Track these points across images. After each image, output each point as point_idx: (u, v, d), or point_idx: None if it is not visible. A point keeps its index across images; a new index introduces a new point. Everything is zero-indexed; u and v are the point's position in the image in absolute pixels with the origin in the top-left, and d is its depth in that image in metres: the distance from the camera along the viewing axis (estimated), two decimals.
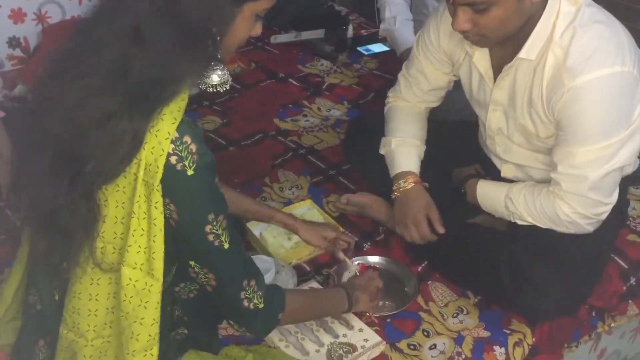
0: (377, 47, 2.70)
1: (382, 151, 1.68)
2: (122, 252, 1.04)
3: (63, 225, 1.03)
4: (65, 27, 2.39)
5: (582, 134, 1.31)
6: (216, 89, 1.07)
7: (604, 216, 1.42)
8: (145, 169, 0.99)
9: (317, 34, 2.74)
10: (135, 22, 0.97)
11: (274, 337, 1.37)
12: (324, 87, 2.45)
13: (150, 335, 1.06)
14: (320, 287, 1.51)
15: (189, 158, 0.99)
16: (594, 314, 1.51)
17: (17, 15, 2.40)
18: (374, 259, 1.61)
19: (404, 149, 1.63)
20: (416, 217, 1.55)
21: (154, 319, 1.06)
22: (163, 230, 1.02)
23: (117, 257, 1.06)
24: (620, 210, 1.60)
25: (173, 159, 0.98)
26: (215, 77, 1.06)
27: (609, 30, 1.30)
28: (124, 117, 0.97)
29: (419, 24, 2.20)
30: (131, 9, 0.98)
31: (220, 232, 1.05)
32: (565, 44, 1.29)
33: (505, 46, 1.39)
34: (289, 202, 1.81)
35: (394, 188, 1.60)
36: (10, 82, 2.26)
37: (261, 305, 1.15)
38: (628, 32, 1.35)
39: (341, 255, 1.56)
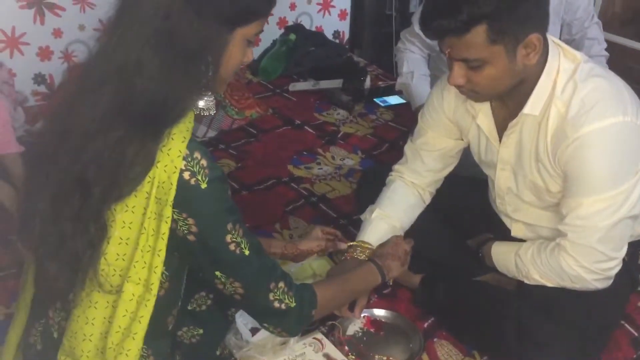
0: (394, 99, 2.75)
1: (362, 217, 1.66)
2: (123, 273, 1.07)
3: (71, 248, 1.07)
4: None
5: (589, 184, 1.32)
6: (202, 113, 1.13)
7: (612, 273, 1.40)
8: (158, 186, 1.04)
9: (335, 83, 2.79)
10: (134, 56, 1.03)
11: None
12: (339, 136, 2.48)
13: (138, 350, 1.09)
14: (325, 338, 1.50)
15: (201, 172, 1.04)
16: None
17: (45, 53, 2.48)
18: (380, 312, 1.59)
19: (381, 224, 1.61)
20: None
21: (143, 334, 1.09)
22: (166, 246, 1.06)
23: (118, 279, 1.08)
24: (631, 275, 1.58)
25: (186, 175, 1.04)
26: (201, 102, 1.12)
27: (608, 82, 1.33)
28: (133, 141, 1.02)
29: (435, 80, 2.23)
30: (129, 44, 1.03)
31: (239, 240, 1.10)
32: (567, 98, 1.32)
33: (507, 105, 1.42)
34: None
35: (349, 250, 1.59)
36: (33, 117, 2.31)
37: (293, 304, 1.19)
38: (627, 85, 1.38)
39: (342, 244, 1.60)
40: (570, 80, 1.32)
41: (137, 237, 1.06)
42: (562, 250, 1.39)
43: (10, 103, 2.12)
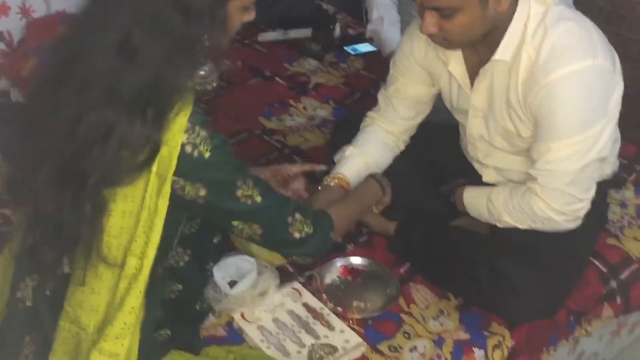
0: (364, 47, 2.70)
1: (335, 157, 1.66)
2: (127, 245, 1.08)
3: (69, 233, 1.06)
4: (49, 21, 2.38)
5: (559, 128, 1.34)
6: (203, 85, 1.13)
7: (582, 213, 1.43)
8: (159, 162, 1.04)
9: (305, 32, 2.74)
10: (122, 35, 0.99)
11: (255, 337, 1.38)
12: (310, 87, 2.45)
13: (125, 324, 1.08)
14: (303, 287, 1.52)
15: (203, 143, 1.06)
16: (572, 318, 1.52)
17: (1, 9, 2.38)
18: (356, 260, 1.61)
19: (355, 159, 1.61)
20: None
21: (132, 307, 1.08)
22: (163, 220, 1.06)
23: (122, 251, 1.09)
24: (600, 213, 1.62)
25: (188, 148, 1.05)
26: (201, 72, 1.13)
27: (578, 26, 1.33)
28: (134, 128, 1.00)
29: (406, 25, 2.21)
30: (117, 22, 1.00)
31: (250, 192, 1.15)
32: (537, 43, 1.32)
33: (478, 51, 1.41)
34: None
35: (322, 182, 1.61)
36: None
37: (311, 231, 1.25)
38: (597, 28, 1.38)
39: (321, 166, 1.66)
40: (540, 24, 1.32)
41: (139, 211, 1.06)
42: (533, 194, 1.41)
43: None
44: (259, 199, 1.15)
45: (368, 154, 1.63)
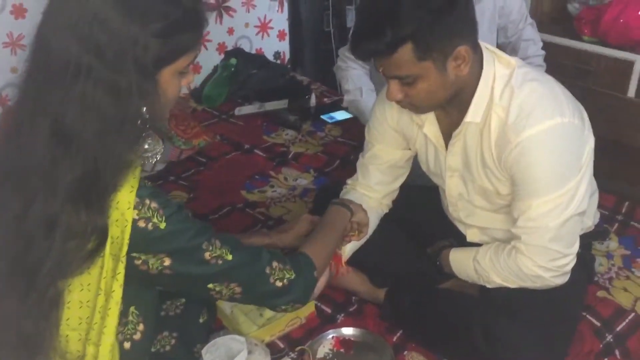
0: (340, 115, 2.75)
1: None
2: (86, 336, 1.02)
3: (23, 330, 1.01)
4: None
5: (535, 186, 1.35)
6: (148, 159, 1.08)
7: (568, 268, 1.43)
8: (112, 243, 0.99)
9: (281, 104, 2.79)
10: (52, 121, 0.95)
11: None
12: (289, 157, 2.47)
13: None
14: None
15: (155, 215, 1.01)
16: None
17: None
18: (348, 331, 1.58)
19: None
20: None
21: None
22: (119, 302, 1.02)
23: (82, 345, 1.03)
24: (586, 266, 1.62)
25: (141, 223, 1.00)
26: (145, 145, 1.07)
27: (543, 86, 1.37)
28: (79, 215, 0.96)
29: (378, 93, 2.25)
30: (47, 108, 0.95)
31: (218, 252, 1.09)
32: (505, 103, 1.35)
33: (450, 113, 1.44)
34: None
35: None
36: None
37: (293, 276, 1.20)
38: (562, 86, 1.42)
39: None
40: (507, 86, 1.35)
41: (95, 298, 1.01)
42: (519, 252, 1.41)
43: None
44: (229, 256, 1.10)
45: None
